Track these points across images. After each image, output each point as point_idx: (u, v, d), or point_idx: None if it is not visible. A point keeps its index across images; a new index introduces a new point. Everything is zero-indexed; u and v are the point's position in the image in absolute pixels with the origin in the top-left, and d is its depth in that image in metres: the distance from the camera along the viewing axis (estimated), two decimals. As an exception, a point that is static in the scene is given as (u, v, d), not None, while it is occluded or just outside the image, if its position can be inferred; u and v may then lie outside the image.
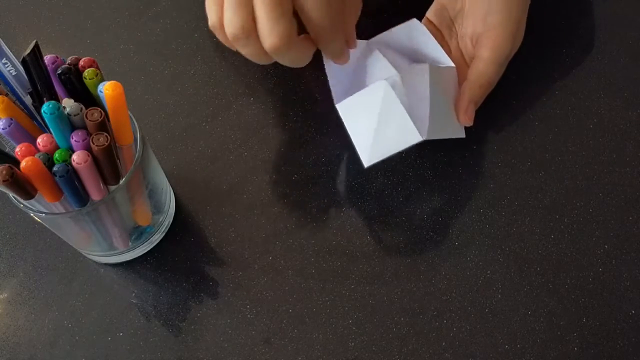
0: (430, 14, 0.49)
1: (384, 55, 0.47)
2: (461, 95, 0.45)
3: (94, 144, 0.37)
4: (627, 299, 0.45)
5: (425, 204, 0.49)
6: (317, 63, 0.45)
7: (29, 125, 0.39)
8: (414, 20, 0.49)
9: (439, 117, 0.45)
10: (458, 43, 0.48)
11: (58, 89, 0.39)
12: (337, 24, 0.40)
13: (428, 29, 0.48)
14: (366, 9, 0.46)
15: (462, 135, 0.48)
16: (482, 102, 0.49)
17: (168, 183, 0.49)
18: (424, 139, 0.44)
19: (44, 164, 0.36)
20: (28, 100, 0.39)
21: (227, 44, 0.41)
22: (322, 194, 0.50)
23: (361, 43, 0.48)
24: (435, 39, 0.48)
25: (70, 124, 0.37)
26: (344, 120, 0.47)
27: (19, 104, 0.39)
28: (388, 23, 0.49)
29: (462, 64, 0.50)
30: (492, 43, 0.45)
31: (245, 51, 0.39)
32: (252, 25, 0.37)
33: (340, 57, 0.43)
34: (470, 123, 0.46)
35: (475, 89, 0.45)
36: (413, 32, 0.49)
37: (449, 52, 0.48)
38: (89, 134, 0.37)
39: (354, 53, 0.46)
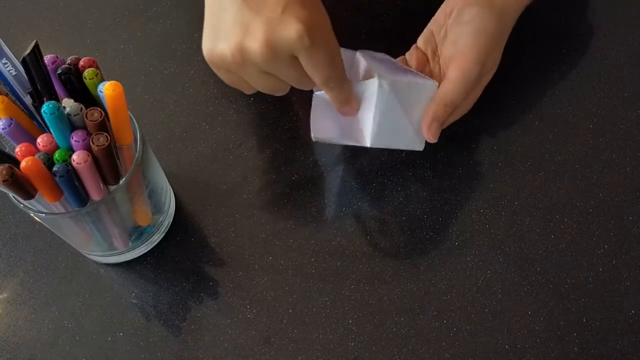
0: (420, 40, 0.52)
1: (368, 62, 0.47)
2: (425, 113, 0.46)
3: (94, 144, 0.37)
4: (627, 299, 0.45)
5: (425, 204, 0.49)
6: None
7: (29, 125, 0.39)
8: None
9: (387, 128, 0.46)
10: (439, 67, 0.50)
11: (58, 89, 0.39)
12: (341, 72, 0.43)
13: (415, 55, 0.50)
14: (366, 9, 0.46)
15: (420, 148, 0.48)
16: (480, 102, 0.50)
17: (168, 183, 0.49)
18: (369, 146, 0.46)
19: (44, 164, 0.36)
20: (28, 100, 0.39)
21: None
22: (322, 194, 0.50)
23: (351, 52, 0.48)
24: (421, 63, 0.50)
25: (70, 124, 0.37)
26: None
27: (19, 104, 0.39)
28: (387, 24, 0.50)
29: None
30: (459, 65, 0.47)
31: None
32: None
33: (347, 103, 0.45)
34: (433, 140, 0.47)
35: (440, 108, 0.47)
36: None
37: (431, 75, 0.50)
38: (89, 134, 0.37)
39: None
